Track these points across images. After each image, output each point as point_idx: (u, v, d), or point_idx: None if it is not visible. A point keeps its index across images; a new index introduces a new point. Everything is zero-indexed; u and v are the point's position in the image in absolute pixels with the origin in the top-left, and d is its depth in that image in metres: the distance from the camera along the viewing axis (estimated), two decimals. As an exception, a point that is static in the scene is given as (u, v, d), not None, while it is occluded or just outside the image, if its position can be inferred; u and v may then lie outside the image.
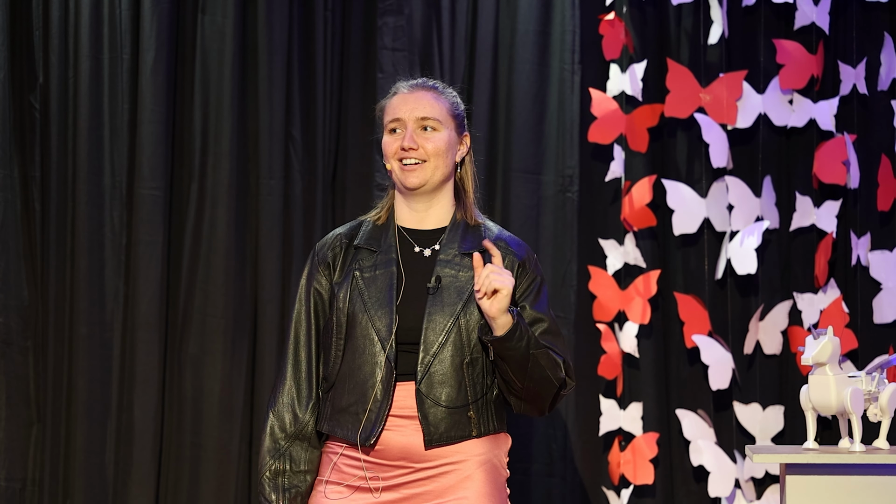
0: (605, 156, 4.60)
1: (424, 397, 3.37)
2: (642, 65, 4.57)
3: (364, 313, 3.42)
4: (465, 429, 3.39)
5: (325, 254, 3.53)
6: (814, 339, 3.68)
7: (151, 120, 4.46)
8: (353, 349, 3.42)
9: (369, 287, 3.44)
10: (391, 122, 3.49)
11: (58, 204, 4.48)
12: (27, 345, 4.47)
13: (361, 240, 3.52)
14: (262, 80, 4.50)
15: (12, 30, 4.50)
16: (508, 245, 3.51)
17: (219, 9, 4.51)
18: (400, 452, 3.39)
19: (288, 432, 3.48)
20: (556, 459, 4.51)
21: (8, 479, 4.43)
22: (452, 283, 3.43)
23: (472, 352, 3.40)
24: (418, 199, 3.50)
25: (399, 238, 3.51)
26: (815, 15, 4.56)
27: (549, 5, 4.57)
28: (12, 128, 4.48)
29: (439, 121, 3.48)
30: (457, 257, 3.45)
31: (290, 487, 3.46)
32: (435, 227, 3.52)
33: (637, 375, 4.57)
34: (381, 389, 3.37)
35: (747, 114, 4.58)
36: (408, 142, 3.46)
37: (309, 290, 3.53)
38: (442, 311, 3.40)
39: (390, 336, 3.38)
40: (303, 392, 3.49)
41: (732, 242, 4.52)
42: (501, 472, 3.47)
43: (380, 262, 3.47)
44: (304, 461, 3.47)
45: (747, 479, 4.53)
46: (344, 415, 3.42)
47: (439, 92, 3.53)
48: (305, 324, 3.52)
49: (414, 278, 3.45)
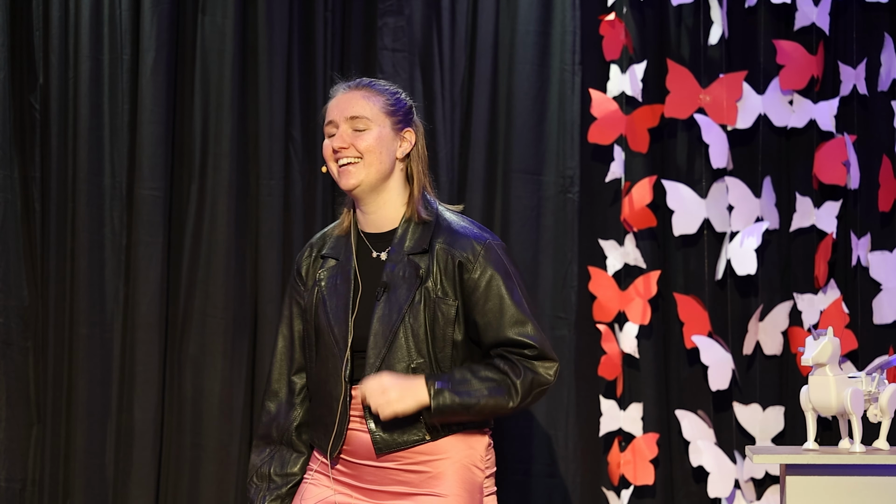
0: (605, 156, 4.60)
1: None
2: (642, 65, 4.57)
3: (327, 325, 3.45)
4: (417, 433, 3.39)
5: (300, 264, 3.59)
6: (814, 339, 3.68)
7: (151, 120, 4.46)
8: (320, 361, 3.48)
9: (331, 298, 3.47)
10: (326, 125, 3.52)
11: (58, 204, 4.48)
12: (27, 345, 4.47)
13: (328, 248, 3.55)
14: (262, 80, 4.50)
15: (12, 30, 4.50)
16: (453, 245, 3.45)
17: (219, 9, 4.51)
18: (366, 451, 3.42)
19: (273, 438, 3.56)
20: (556, 460, 4.51)
21: (8, 479, 4.43)
22: (399, 286, 3.43)
23: (418, 356, 3.40)
24: (364, 201, 3.50)
25: (358, 244, 3.52)
26: (815, 15, 4.56)
27: (549, 6, 4.57)
28: (12, 128, 4.48)
29: (369, 119, 3.47)
30: (403, 259, 3.45)
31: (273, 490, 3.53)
32: (389, 228, 3.51)
33: (637, 376, 4.57)
34: (342, 403, 3.41)
35: (747, 114, 4.58)
36: (337, 142, 3.47)
37: (290, 300, 3.59)
38: (388, 317, 3.40)
39: (346, 347, 3.41)
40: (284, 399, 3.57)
41: (732, 243, 4.52)
42: (474, 471, 3.46)
43: (340, 271, 3.49)
44: (290, 464, 3.54)
45: (747, 479, 4.53)
46: (318, 425, 3.49)
47: (372, 90, 3.51)
48: (287, 331, 3.58)
49: (369, 285, 3.46)
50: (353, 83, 3.55)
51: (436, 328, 3.41)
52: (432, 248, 3.44)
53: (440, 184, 4.54)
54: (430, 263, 3.43)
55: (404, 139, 3.52)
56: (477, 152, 4.57)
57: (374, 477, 3.42)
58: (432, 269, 3.42)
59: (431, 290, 3.41)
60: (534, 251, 4.54)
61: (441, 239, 3.45)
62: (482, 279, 3.43)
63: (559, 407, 4.51)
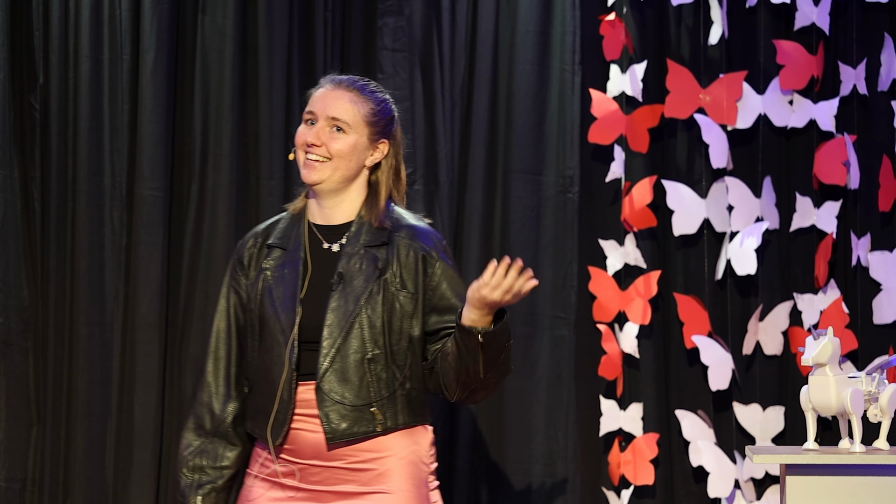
0: (605, 156, 4.60)
1: (325, 395, 3.38)
2: (642, 65, 4.57)
3: (273, 313, 3.45)
4: (369, 425, 3.40)
5: (242, 253, 3.57)
6: (814, 339, 3.68)
7: (151, 120, 4.46)
8: (264, 349, 3.46)
9: (277, 286, 3.47)
10: (307, 112, 3.53)
11: (58, 204, 4.48)
12: (27, 345, 4.47)
13: (274, 238, 3.54)
14: (262, 80, 4.50)
15: (12, 30, 4.49)
16: (414, 237, 3.49)
17: (219, 9, 4.51)
18: (311, 451, 3.41)
19: (206, 429, 3.52)
20: (556, 459, 4.51)
21: (8, 479, 4.43)
22: (355, 278, 3.44)
23: (375, 347, 3.41)
24: (324, 196, 3.52)
25: (308, 234, 3.52)
26: (815, 15, 4.56)
27: (549, 5, 4.57)
28: (12, 128, 4.48)
29: (349, 124, 3.49)
30: (361, 251, 3.46)
31: (206, 483, 3.50)
32: (342, 221, 3.53)
33: (637, 376, 4.57)
34: (286, 390, 3.40)
35: (747, 114, 4.58)
36: (312, 137, 3.48)
37: (229, 289, 3.57)
38: (343, 308, 3.41)
39: (292, 335, 3.40)
40: (220, 390, 3.53)
41: (732, 243, 4.52)
42: (422, 468, 3.47)
43: (288, 260, 3.49)
44: (221, 457, 3.51)
45: (747, 479, 4.53)
46: (258, 415, 3.47)
47: (362, 95, 3.53)
48: (225, 321, 3.55)
49: (320, 275, 3.46)
50: (346, 81, 3.55)
51: (393, 320, 3.43)
52: (392, 241, 3.47)
53: (439, 183, 4.54)
54: (390, 256, 3.46)
55: (377, 149, 3.54)
56: (477, 152, 4.57)
57: (320, 477, 3.42)
58: (392, 262, 3.46)
59: (390, 282, 3.44)
60: (534, 251, 4.54)
61: (401, 233, 3.49)
62: (446, 272, 3.48)
63: (559, 407, 4.51)
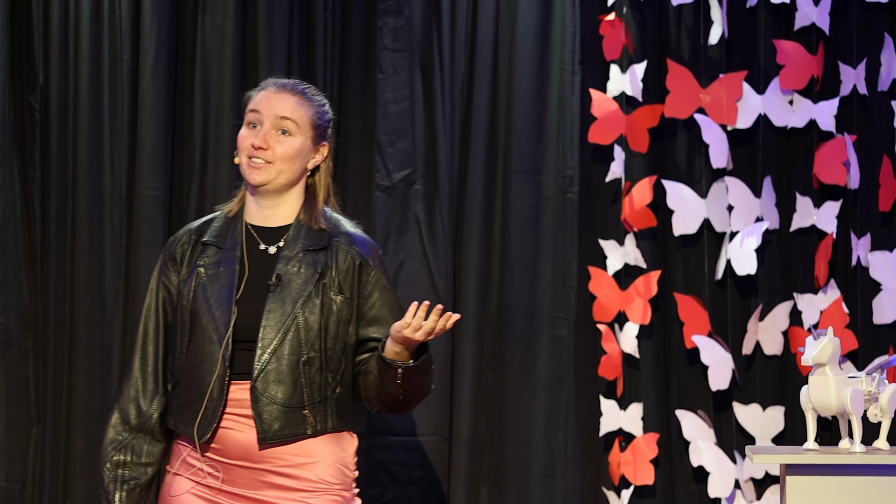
0: (605, 156, 4.60)
1: (260, 395, 3.40)
2: (642, 65, 4.57)
3: (206, 311, 3.46)
4: (300, 427, 3.42)
5: (174, 249, 3.58)
6: (814, 339, 3.68)
7: (151, 120, 4.46)
8: (194, 346, 3.46)
9: (211, 284, 3.48)
10: (251, 114, 3.55)
11: (58, 204, 4.48)
12: (27, 345, 4.47)
13: (209, 236, 3.56)
14: (262, 80, 4.49)
15: (12, 30, 4.49)
16: (352, 243, 3.53)
17: (219, 9, 4.50)
18: (239, 451, 3.42)
19: (131, 425, 3.51)
20: (556, 460, 4.51)
21: (8, 479, 4.43)
22: (293, 280, 3.46)
23: (310, 350, 3.43)
24: (265, 196, 3.54)
25: (245, 235, 3.54)
26: (815, 15, 4.56)
27: (549, 5, 4.57)
28: (12, 128, 4.48)
29: (296, 125, 3.52)
30: (299, 254, 3.49)
31: (130, 479, 3.48)
32: (280, 224, 3.55)
33: (637, 376, 4.57)
34: (217, 387, 3.41)
35: (747, 114, 4.58)
36: (259, 140, 3.50)
37: (158, 284, 3.58)
38: (281, 309, 3.44)
39: (227, 333, 3.42)
40: (148, 385, 3.53)
41: (732, 243, 4.52)
42: (347, 473, 3.50)
43: (224, 259, 3.51)
44: (146, 454, 3.51)
45: (747, 479, 4.53)
46: (184, 411, 3.46)
47: (306, 98, 3.56)
48: (154, 318, 3.56)
49: (257, 276, 3.48)
50: (289, 84, 3.59)
51: (329, 324, 3.46)
52: (331, 245, 3.51)
53: (439, 183, 4.54)
54: (329, 260, 3.49)
55: (318, 152, 3.57)
56: (477, 152, 4.57)
57: (244, 480, 3.42)
58: (331, 266, 3.49)
59: (328, 286, 3.47)
60: (534, 251, 4.54)
61: (340, 238, 3.53)
62: (380, 281, 3.53)
63: (559, 407, 4.51)
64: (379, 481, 4.48)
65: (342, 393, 3.49)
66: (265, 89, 3.58)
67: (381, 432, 4.49)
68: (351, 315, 3.49)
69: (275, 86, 3.58)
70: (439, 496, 4.50)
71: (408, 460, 4.49)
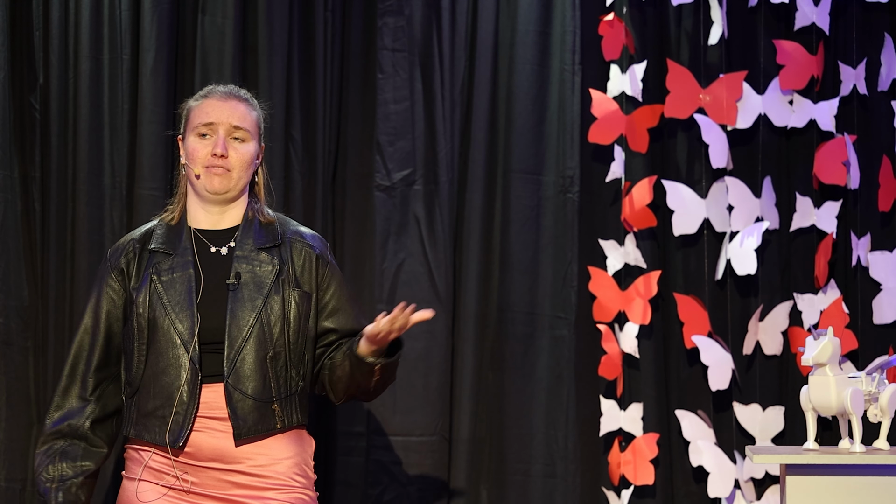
0: (605, 156, 4.60)
1: (232, 390, 3.45)
2: (642, 65, 4.57)
3: (165, 317, 3.49)
4: (270, 422, 3.48)
5: (118, 260, 3.61)
6: (814, 339, 3.68)
7: (151, 120, 4.46)
8: (155, 353, 3.49)
9: (168, 290, 3.51)
10: (203, 125, 3.59)
11: (58, 204, 4.48)
12: (27, 345, 4.47)
13: (156, 243, 3.59)
14: (262, 80, 4.50)
15: (12, 30, 4.49)
16: (304, 239, 3.62)
17: (219, 9, 4.50)
18: (211, 453, 3.46)
19: (63, 432, 3.56)
20: (556, 460, 4.51)
21: (8, 479, 4.43)
22: (252, 278, 3.52)
23: (275, 346, 3.49)
24: (217, 203, 3.60)
25: (194, 239, 3.58)
26: (815, 15, 4.56)
27: (549, 5, 4.57)
28: (12, 128, 4.48)
29: (249, 132, 3.60)
30: (253, 252, 3.55)
31: (67, 479, 3.51)
32: (228, 226, 3.60)
33: (637, 376, 4.57)
34: (187, 391, 3.45)
35: (747, 114, 4.58)
36: (220, 148, 3.55)
37: (100, 295, 3.60)
38: (244, 307, 3.49)
39: (193, 337, 3.46)
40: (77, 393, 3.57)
41: (732, 243, 4.52)
42: (310, 474, 3.57)
43: (177, 265, 3.54)
44: (82, 457, 3.54)
45: (747, 479, 4.53)
46: (150, 419, 3.49)
47: (250, 104, 3.66)
48: (92, 330, 3.59)
49: (212, 278, 3.53)
50: (232, 91, 3.66)
51: (290, 319, 3.52)
52: (285, 242, 3.58)
53: (439, 183, 4.54)
54: (285, 256, 3.56)
55: (261, 151, 3.67)
56: (477, 152, 4.57)
57: (215, 482, 3.47)
58: (287, 262, 3.56)
59: (287, 281, 3.54)
60: (534, 251, 4.54)
61: (292, 236, 3.60)
62: (335, 274, 3.61)
63: (559, 407, 4.51)
64: (379, 481, 4.48)
65: (304, 388, 3.57)
66: (208, 97, 3.63)
67: (380, 432, 4.49)
68: (310, 308, 3.56)
69: (220, 94, 3.63)
70: (439, 496, 4.50)
71: (408, 460, 4.49)
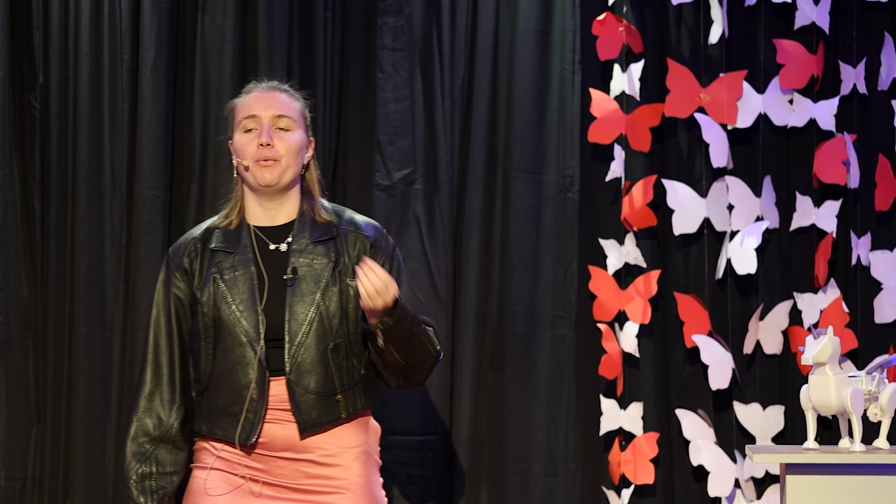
0: (605, 156, 4.60)
1: (295, 386, 3.48)
2: (639, 65, 4.57)
3: (230, 315, 3.52)
4: (335, 412, 3.52)
5: (182, 259, 3.63)
6: (814, 338, 3.68)
7: (151, 120, 4.46)
8: (222, 351, 3.52)
9: (231, 289, 3.54)
10: (246, 119, 3.60)
11: (58, 204, 4.48)
12: (27, 345, 4.47)
13: (216, 242, 3.61)
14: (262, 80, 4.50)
15: (12, 30, 4.50)
16: (359, 228, 3.63)
17: (219, 9, 4.51)
18: (283, 444, 3.51)
19: (152, 436, 3.58)
20: (556, 459, 4.51)
21: (8, 479, 4.43)
22: (308, 272, 3.54)
23: (336, 337, 3.52)
24: (270, 197, 3.60)
25: (254, 237, 3.60)
26: (815, 15, 4.56)
27: (549, 5, 4.57)
28: (12, 128, 4.48)
29: (293, 120, 3.61)
30: (309, 246, 3.57)
31: (158, 489, 3.56)
32: (285, 221, 3.62)
33: (637, 375, 4.57)
34: (256, 389, 3.48)
35: (747, 114, 4.58)
36: (265, 137, 3.56)
37: (167, 295, 3.62)
38: (302, 302, 3.51)
39: (259, 336, 3.49)
40: (165, 395, 3.59)
41: (732, 242, 4.52)
42: (376, 461, 3.62)
43: (238, 263, 3.56)
44: (170, 463, 3.58)
45: (747, 478, 4.53)
46: (221, 416, 3.53)
47: (292, 95, 3.67)
48: (165, 328, 3.61)
49: (273, 275, 3.55)
50: (273, 84, 3.68)
51: (349, 309, 3.55)
52: (340, 233, 3.60)
53: (440, 183, 4.54)
54: (340, 248, 3.58)
55: (310, 146, 3.67)
56: (477, 152, 4.57)
57: (286, 471, 3.51)
58: (342, 254, 3.58)
59: (344, 272, 3.56)
60: (534, 251, 4.54)
61: (346, 226, 3.61)
62: (389, 261, 3.62)
63: (559, 406, 4.51)
64: (379, 481, 4.48)
65: (367, 374, 3.59)
66: (251, 93, 3.65)
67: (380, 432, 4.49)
68: None
69: (261, 88, 3.66)
70: (439, 496, 4.50)
71: (408, 460, 4.49)
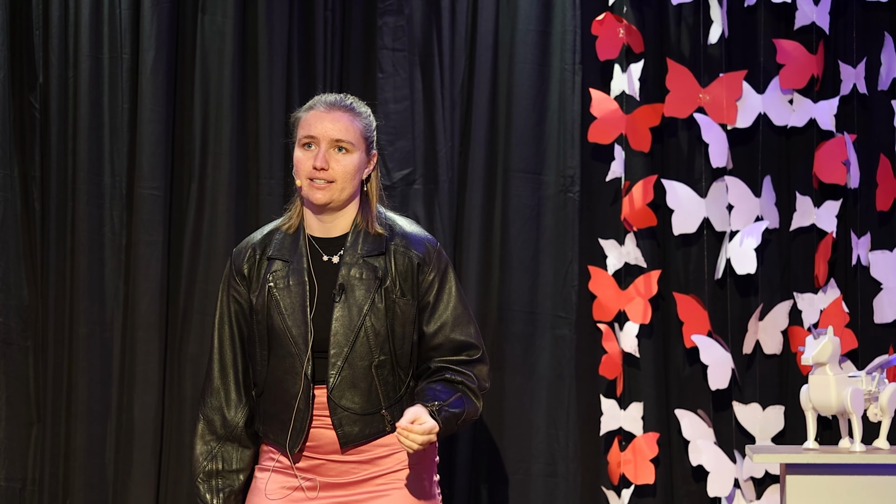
0: (605, 156, 4.60)
1: (336, 405, 3.51)
2: (639, 65, 4.57)
3: (282, 324, 3.54)
4: (379, 426, 3.54)
5: (241, 265, 3.65)
6: (814, 338, 3.69)
7: (151, 120, 4.46)
8: (275, 359, 3.56)
9: (284, 299, 3.56)
10: (306, 137, 3.59)
11: (58, 204, 4.48)
12: (27, 345, 4.47)
13: (273, 250, 3.62)
14: (262, 80, 4.50)
15: (12, 30, 4.50)
16: (409, 246, 3.60)
17: (219, 9, 4.51)
18: (331, 446, 3.53)
19: (218, 434, 3.63)
20: (556, 459, 4.51)
21: (8, 479, 4.43)
22: (356, 287, 3.55)
23: (381, 353, 3.53)
24: (327, 212, 3.61)
25: (309, 247, 3.61)
26: (815, 15, 4.56)
27: (549, 5, 4.57)
28: (12, 128, 4.48)
29: (353, 143, 3.58)
30: (360, 260, 3.57)
31: (224, 487, 3.62)
32: (339, 233, 3.62)
33: (637, 375, 4.57)
34: (303, 400, 3.51)
35: (747, 114, 4.58)
36: (320, 162, 3.55)
37: (228, 296, 3.65)
38: (348, 317, 3.53)
39: (307, 348, 3.51)
40: (231, 395, 3.63)
41: (732, 242, 4.52)
42: (426, 454, 3.60)
43: (292, 272, 3.58)
44: (236, 460, 3.63)
45: (747, 478, 4.53)
46: (273, 421, 3.57)
47: (356, 113, 3.62)
48: (228, 328, 3.64)
49: (324, 287, 3.56)
50: (337, 101, 3.63)
51: (395, 326, 3.55)
52: (389, 250, 3.58)
53: (439, 183, 4.54)
54: (388, 265, 3.57)
55: (371, 161, 3.65)
56: (477, 152, 4.57)
57: (336, 471, 3.54)
58: (390, 270, 3.57)
59: (391, 290, 3.56)
60: (534, 251, 4.54)
61: (396, 241, 3.60)
62: (436, 280, 3.60)
63: (559, 406, 4.51)
64: (379, 481, 4.47)
65: (415, 385, 3.60)
66: (314, 109, 3.62)
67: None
68: (414, 314, 3.57)
69: (324, 105, 3.61)
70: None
71: (408, 460, 4.49)
